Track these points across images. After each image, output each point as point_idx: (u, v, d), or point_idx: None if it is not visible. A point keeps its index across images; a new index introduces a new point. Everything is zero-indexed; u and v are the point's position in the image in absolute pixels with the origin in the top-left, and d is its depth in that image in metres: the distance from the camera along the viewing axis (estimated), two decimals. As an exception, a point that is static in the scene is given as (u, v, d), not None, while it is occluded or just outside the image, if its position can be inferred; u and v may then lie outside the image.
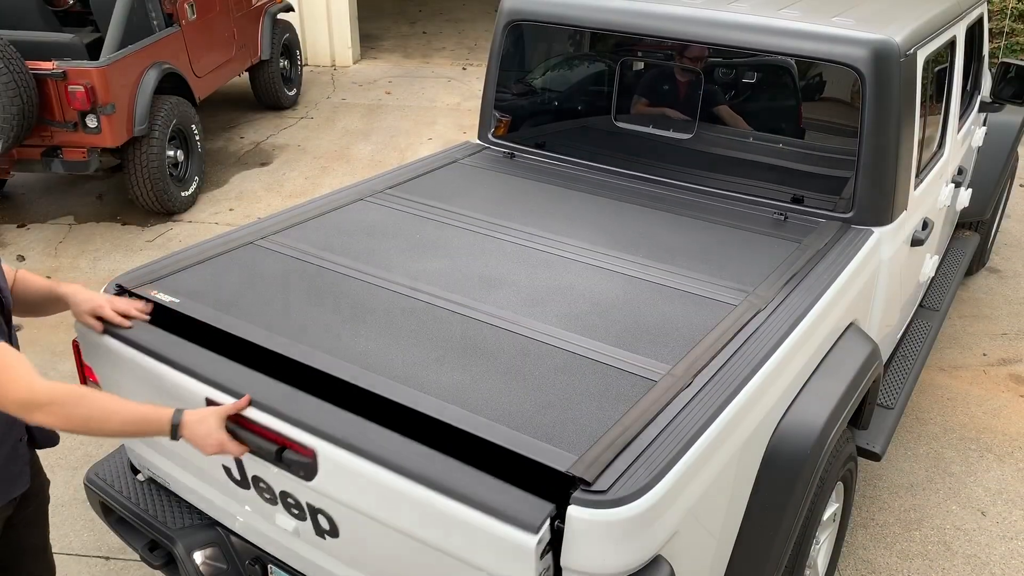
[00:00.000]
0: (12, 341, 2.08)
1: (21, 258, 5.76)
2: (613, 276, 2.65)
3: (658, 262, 2.73)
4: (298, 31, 9.20)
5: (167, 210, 6.27)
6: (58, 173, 6.08)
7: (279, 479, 2.14)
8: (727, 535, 2.27)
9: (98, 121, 5.55)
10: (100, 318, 2.40)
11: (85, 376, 2.67)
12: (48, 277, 5.52)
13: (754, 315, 2.45)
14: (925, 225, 3.40)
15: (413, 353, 2.24)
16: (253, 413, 2.09)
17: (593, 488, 1.77)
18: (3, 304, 2.10)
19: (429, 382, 2.12)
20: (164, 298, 2.49)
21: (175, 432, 2.03)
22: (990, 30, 7.96)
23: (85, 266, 5.69)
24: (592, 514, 1.75)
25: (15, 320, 2.17)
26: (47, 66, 5.42)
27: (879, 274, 3.05)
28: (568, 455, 1.86)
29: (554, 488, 1.81)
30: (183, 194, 6.40)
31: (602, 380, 2.14)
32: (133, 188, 6.10)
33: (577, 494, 1.77)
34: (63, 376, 4.46)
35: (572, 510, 1.75)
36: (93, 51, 5.79)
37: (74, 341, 2.65)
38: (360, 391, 2.09)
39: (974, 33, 4.16)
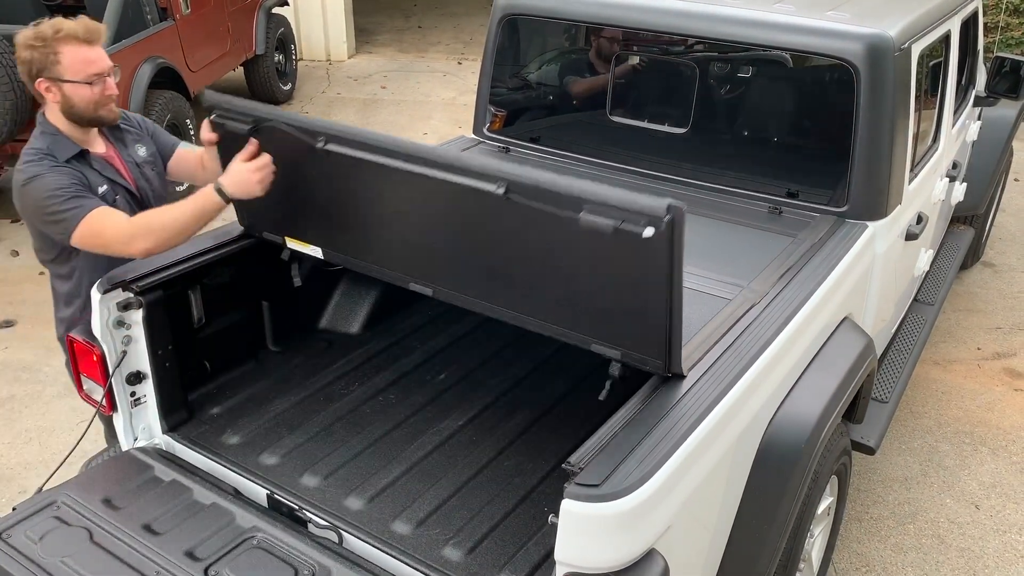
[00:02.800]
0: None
1: (15, 253, 5.74)
2: None
3: None
4: (293, 25, 9.17)
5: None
6: (52, 168, 6.05)
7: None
8: (721, 529, 2.27)
9: (92, 116, 5.53)
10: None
11: (79, 371, 2.67)
12: (41, 273, 5.50)
13: (748, 309, 2.45)
14: (920, 219, 3.40)
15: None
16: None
17: (587, 482, 1.77)
18: (129, 191, 2.74)
19: None
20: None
21: (226, 198, 2.50)
22: (985, 24, 7.96)
23: (79, 261, 5.67)
24: (586, 508, 1.75)
25: (8, 316, 2.30)
26: (40, 60, 5.39)
27: (874, 268, 3.06)
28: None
29: None
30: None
31: None
32: (127, 183, 6.08)
33: (571, 488, 1.77)
34: (56, 371, 4.45)
35: (566, 504, 1.76)
36: (87, 45, 5.77)
37: (68, 336, 2.64)
38: None
39: (969, 27, 4.15)
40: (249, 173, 2.47)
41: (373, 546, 2.31)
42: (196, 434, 2.74)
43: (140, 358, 2.64)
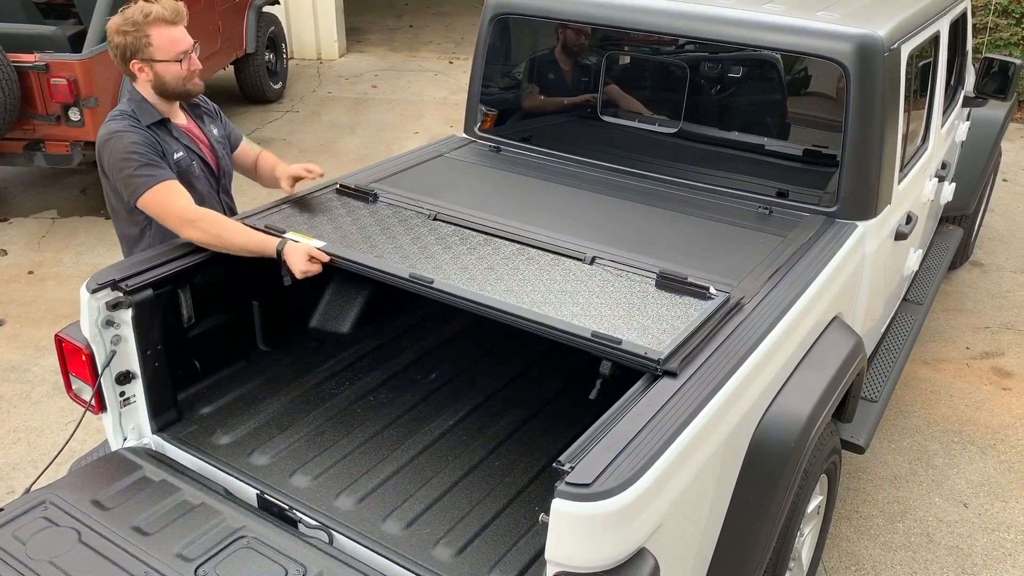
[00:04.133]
0: (219, 199, 3.06)
1: (3, 252, 5.71)
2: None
3: (642, 256, 2.73)
4: (283, 24, 9.15)
5: (151, 204, 6.22)
6: (41, 167, 6.02)
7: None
8: (712, 528, 2.28)
9: (81, 114, 5.50)
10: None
11: (68, 371, 2.66)
12: (30, 272, 5.48)
13: (739, 308, 2.45)
14: (909, 219, 3.42)
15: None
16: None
17: (578, 481, 1.77)
18: (204, 161, 3.00)
19: None
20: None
21: (279, 256, 2.72)
22: (974, 25, 8.00)
23: (68, 260, 5.64)
24: (576, 507, 1.75)
25: (1, 315, 2.35)
26: (29, 59, 5.36)
27: (863, 268, 3.07)
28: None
29: None
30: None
31: None
32: (117, 182, 6.05)
33: (561, 487, 1.77)
34: (45, 370, 4.43)
35: (556, 503, 1.76)
36: (76, 44, 5.73)
37: (56, 335, 2.63)
38: None
39: (958, 28, 4.17)
40: (306, 263, 2.68)
41: (363, 546, 2.31)
42: (186, 434, 2.73)
43: (129, 358, 2.62)
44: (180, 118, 2.99)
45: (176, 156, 2.88)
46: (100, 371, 2.57)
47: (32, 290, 5.28)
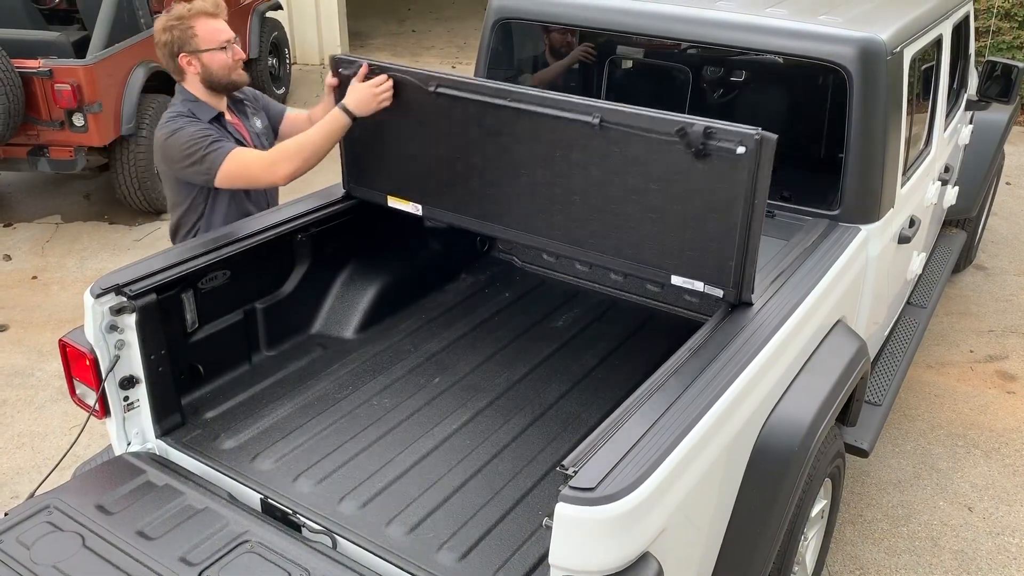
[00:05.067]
0: (263, 191, 3.24)
1: (8, 258, 5.72)
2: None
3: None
4: (287, 29, 9.17)
5: (155, 209, 6.24)
6: (45, 172, 6.05)
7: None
8: (715, 532, 2.27)
9: (85, 120, 5.52)
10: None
11: (72, 376, 2.66)
12: (34, 277, 5.49)
13: (742, 311, 2.45)
14: (912, 223, 3.41)
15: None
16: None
17: (581, 486, 1.77)
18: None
19: None
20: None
21: (351, 115, 2.85)
22: (976, 29, 8.00)
23: (72, 265, 5.66)
24: (580, 511, 1.75)
25: (4, 320, 2.38)
26: (33, 64, 5.39)
27: (866, 271, 3.07)
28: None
29: None
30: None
31: None
32: (120, 187, 6.07)
33: (565, 491, 1.77)
34: (49, 375, 4.44)
35: (560, 507, 1.76)
36: (80, 49, 5.76)
37: (60, 340, 2.63)
38: None
39: (960, 32, 4.17)
40: (369, 90, 2.83)
41: (367, 550, 2.31)
42: (189, 438, 2.73)
43: (133, 362, 2.63)
44: (228, 115, 3.15)
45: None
46: (104, 376, 2.57)
47: (36, 295, 5.29)
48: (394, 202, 3.09)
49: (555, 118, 2.56)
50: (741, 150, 2.29)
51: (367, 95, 2.83)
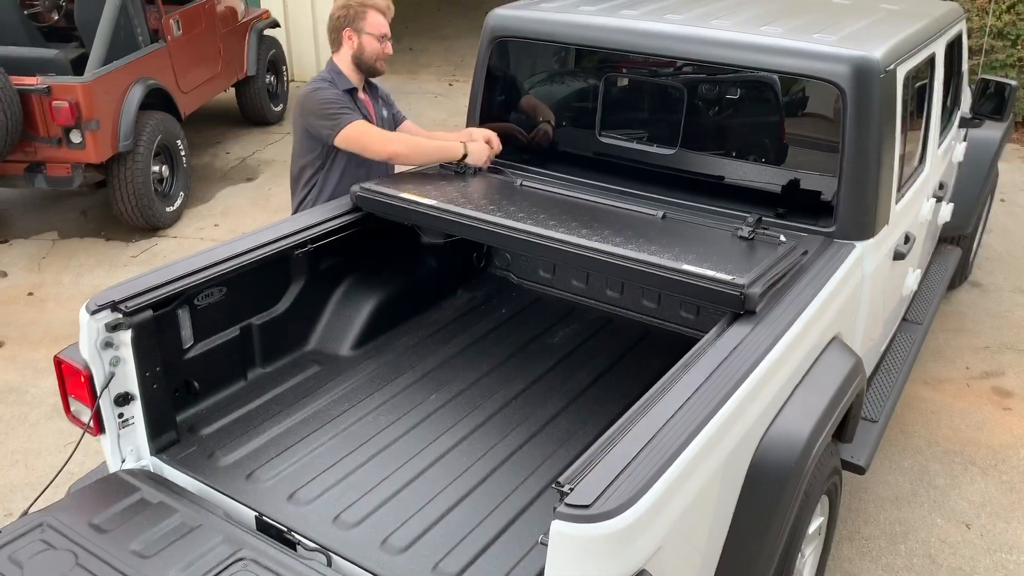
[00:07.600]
0: (383, 165, 3.67)
1: (4, 274, 5.72)
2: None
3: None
4: (284, 47, 9.20)
5: (152, 226, 6.24)
6: (42, 189, 6.05)
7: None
8: (712, 549, 2.26)
9: (82, 137, 5.53)
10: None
11: (67, 393, 2.66)
12: (30, 294, 5.48)
13: (737, 327, 2.46)
14: (907, 239, 3.43)
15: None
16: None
17: (577, 503, 1.77)
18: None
19: None
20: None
21: (463, 156, 3.51)
22: (970, 47, 8.05)
23: (68, 281, 5.65)
24: (576, 529, 1.74)
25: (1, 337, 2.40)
26: (31, 81, 5.40)
27: (862, 288, 3.07)
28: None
29: None
30: (168, 210, 6.38)
31: None
32: (117, 204, 6.07)
33: (561, 508, 1.76)
34: (43, 392, 4.43)
35: (556, 524, 1.75)
36: (78, 67, 5.78)
37: (55, 357, 2.63)
38: None
39: (954, 50, 4.20)
40: (487, 152, 3.55)
41: (362, 568, 2.30)
42: (184, 456, 2.73)
43: (128, 379, 2.62)
44: (362, 93, 3.65)
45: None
46: (99, 392, 2.56)
47: (31, 311, 5.28)
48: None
49: None
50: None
51: (481, 154, 3.54)
